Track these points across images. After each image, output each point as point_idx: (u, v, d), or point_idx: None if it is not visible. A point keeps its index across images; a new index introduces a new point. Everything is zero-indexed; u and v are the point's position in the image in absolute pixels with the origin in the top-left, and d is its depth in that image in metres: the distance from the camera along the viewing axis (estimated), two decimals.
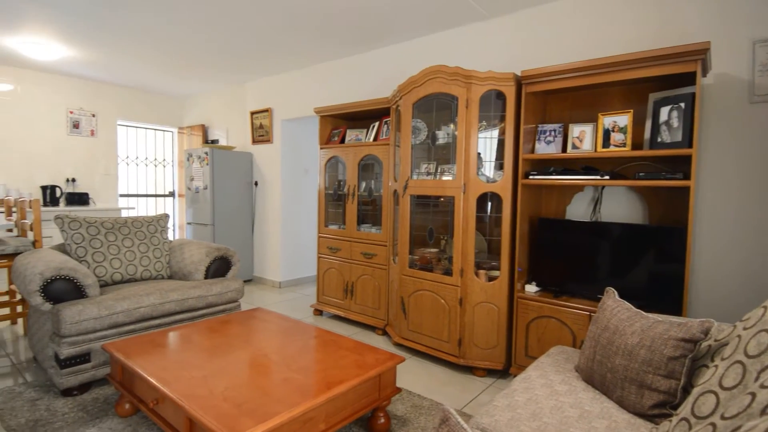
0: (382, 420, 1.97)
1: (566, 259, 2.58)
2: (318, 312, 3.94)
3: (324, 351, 2.02)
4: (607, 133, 2.44)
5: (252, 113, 5.29)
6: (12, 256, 2.94)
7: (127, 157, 6.18)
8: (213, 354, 1.95)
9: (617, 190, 2.65)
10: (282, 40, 3.81)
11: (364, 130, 3.75)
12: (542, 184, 2.65)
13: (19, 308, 3.43)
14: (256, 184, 5.36)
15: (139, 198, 6.37)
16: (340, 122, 4.03)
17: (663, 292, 2.23)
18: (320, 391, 1.61)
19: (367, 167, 3.73)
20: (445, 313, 2.80)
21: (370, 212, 3.75)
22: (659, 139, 2.28)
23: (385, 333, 3.42)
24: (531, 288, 2.67)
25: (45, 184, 5.12)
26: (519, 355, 2.63)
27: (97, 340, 2.29)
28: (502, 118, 2.80)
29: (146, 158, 6.42)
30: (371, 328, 3.58)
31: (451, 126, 3.03)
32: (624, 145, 2.37)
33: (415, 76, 2.93)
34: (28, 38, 3.90)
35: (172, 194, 6.67)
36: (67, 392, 2.26)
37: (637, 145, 2.49)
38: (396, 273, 3.14)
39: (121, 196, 6.06)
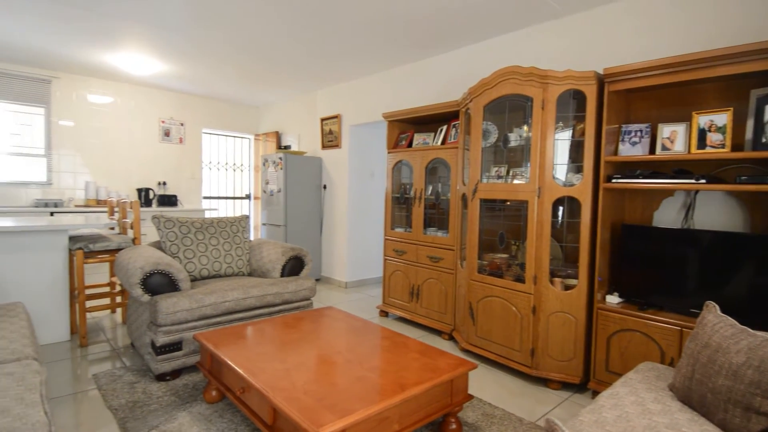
0: (454, 426, 1.95)
1: (653, 269, 2.39)
2: (384, 313, 3.99)
3: (395, 352, 2.05)
4: (702, 133, 2.24)
5: (322, 119, 5.50)
6: (115, 251, 3.29)
7: (210, 162, 6.68)
8: (292, 348, 2.04)
9: (713, 195, 2.42)
10: (352, 50, 3.94)
11: (432, 134, 3.75)
12: (627, 188, 2.48)
13: (118, 299, 3.82)
14: (324, 187, 5.56)
15: (219, 200, 6.86)
16: (407, 126, 4.06)
17: None
18: (395, 392, 1.63)
19: (434, 171, 3.73)
20: (517, 321, 2.71)
21: (436, 216, 3.74)
22: (764, 140, 2.05)
23: (451, 338, 3.38)
24: (613, 299, 2.51)
25: (140, 186, 5.68)
26: (599, 369, 2.48)
27: (187, 330, 2.49)
28: (581, 119, 2.67)
29: (226, 163, 6.90)
30: (437, 332, 3.56)
31: (524, 128, 2.94)
32: (722, 146, 2.16)
33: (487, 78, 2.88)
34: (128, 55, 4.37)
35: (248, 197, 7.11)
36: (161, 377, 2.48)
37: (737, 146, 2.26)
38: (464, 278, 3.10)
39: (205, 198, 6.56)
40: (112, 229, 4.06)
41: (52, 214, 4.58)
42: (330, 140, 5.44)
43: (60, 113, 5.09)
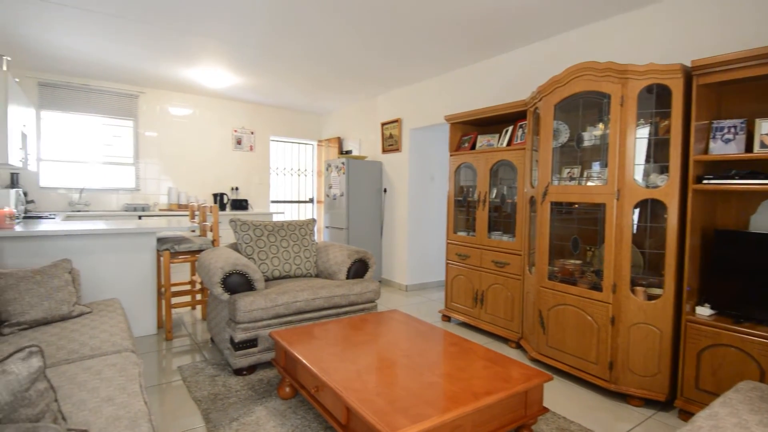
0: None
1: (750, 278, 2.16)
2: (446, 318, 3.94)
3: (464, 359, 2.01)
4: None
5: (383, 124, 5.57)
6: (196, 252, 3.54)
7: (276, 168, 7.00)
8: (361, 350, 2.08)
9: None
10: (414, 54, 3.95)
11: (496, 135, 3.66)
12: (720, 190, 2.26)
13: (198, 296, 4.11)
14: (385, 191, 5.62)
15: (285, 204, 7.16)
16: (470, 128, 4.00)
17: None
18: (468, 400, 1.60)
19: (499, 173, 3.63)
20: (593, 332, 2.56)
21: (501, 219, 3.64)
22: None
23: (519, 346, 3.27)
24: (703, 311, 2.29)
25: (215, 192, 6.09)
26: (687, 386, 2.27)
27: (262, 328, 2.62)
28: (663, 116, 2.47)
29: (291, 169, 7.20)
30: (503, 339, 3.46)
31: (600, 126, 2.78)
32: None
33: (559, 75, 2.76)
34: (205, 69, 4.70)
35: (311, 200, 7.36)
36: (238, 372, 2.63)
37: None
38: (533, 284, 2.99)
39: (272, 202, 6.88)
40: (193, 231, 4.38)
41: (140, 217, 5.03)
42: (390, 144, 5.49)
43: (146, 125, 5.58)
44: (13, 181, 4.54)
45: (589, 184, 2.71)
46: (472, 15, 3.13)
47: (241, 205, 6.05)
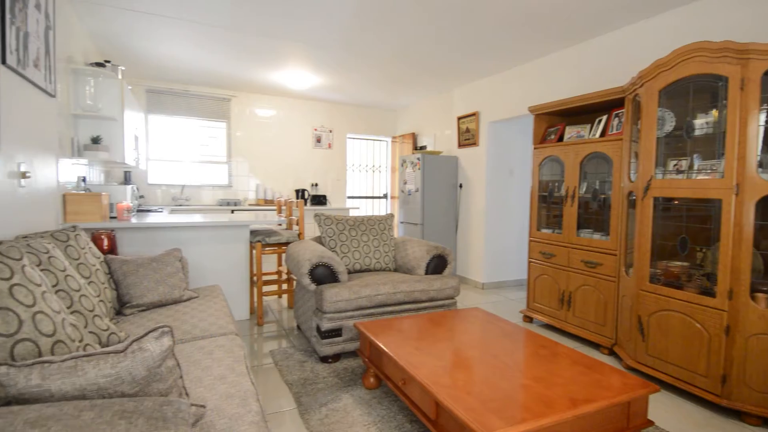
0: None
1: None
2: (528, 319, 3.78)
3: (557, 363, 1.91)
4: None
5: (459, 118, 5.47)
6: (284, 244, 3.75)
7: (352, 164, 7.19)
8: (446, 346, 2.06)
9: None
10: (494, 44, 3.82)
11: (587, 126, 3.42)
12: None
13: (284, 286, 4.36)
14: (460, 186, 5.52)
15: (360, 199, 7.34)
16: (556, 119, 3.78)
17: None
18: (566, 407, 1.52)
19: (591, 166, 3.39)
20: (703, 342, 2.30)
21: (592, 216, 3.40)
22: None
23: (612, 353, 3.04)
24: None
25: (296, 188, 6.40)
26: None
27: (346, 318, 2.71)
28: None
29: (366, 165, 7.34)
30: (593, 344, 3.24)
31: (713, 113, 2.48)
32: None
33: (664, 58, 2.51)
34: (290, 72, 4.94)
35: (385, 196, 7.46)
36: (324, 359, 2.74)
37: None
38: (631, 287, 2.76)
39: (348, 197, 7.08)
40: (280, 225, 4.64)
41: (232, 211, 5.44)
42: (467, 138, 5.37)
43: (236, 126, 6.01)
44: (126, 179, 5.13)
45: (701, 177, 2.43)
46: (555, 3, 2.96)
47: (320, 200, 6.30)
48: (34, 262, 1.52)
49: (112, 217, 3.25)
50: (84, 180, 3.31)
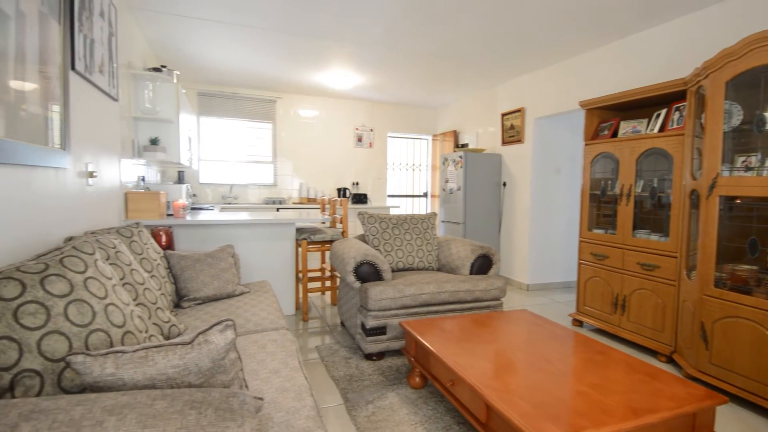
0: None
1: None
2: (577, 322, 3.64)
3: (615, 370, 1.82)
4: None
5: (503, 115, 5.34)
6: (329, 242, 3.81)
7: (392, 163, 7.19)
8: (495, 348, 2.02)
9: None
10: (541, 38, 3.69)
11: (644, 120, 3.24)
12: None
13: (327, 283, 4.42)
14: (504, 184, 5.39)
15: (400, 198, 7.33)
16: (609, 114, 3.61)
17: None
18: (626, 416, 1.44)
19: (648, 163, 3.21)
20: None
21: (649, 216, 3.22)
22: None
23: (670, 360, 2.87)
24: None
25: (338, 187, 6.49)
26: None
27: (390, 317, 2.71)
28: None
29: (407, 164, 7.33)
30: (649, 351, 3.07)
31: None
32: None
33: (731, 47, 2.33)
34: (333, 72, 5.00)
35: (425, 195, 7.42)
36: (368, 356, 2.76)
37: None
38: (693, 291, 2.59)
39: (388, 196, 7.10)
40: (323, 223, 4.73)
41: (277, 209, 5.59)
42: (511, 135, 5.24)
43: (281, 127, 6.17)
44: (180, 178, 5.39)
45: None
46: None
47: (361, 199, 6.35)
48: (104, 256, 1.62)
49: (168, 215, 3.42)
50: (143, 179, 3.50)
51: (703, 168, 2.51)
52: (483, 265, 3.19)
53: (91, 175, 2.22)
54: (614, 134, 3.42)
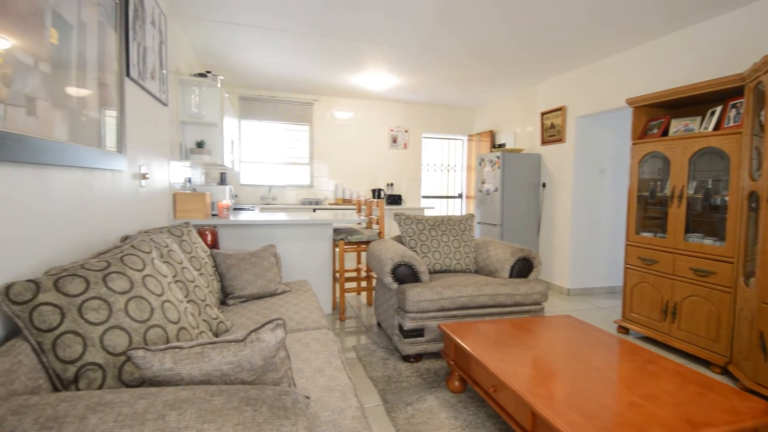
0: None
1: None
2: (623, 330, 3.49)
3: (669, 380, 1.73)
4: None
5: (543, 114, 5.20)
6: (365, 243, 3.83)
7: (427, 164, 7.16)
8: (539, 354, 1.97)
9: None
10: (581, 34, 3.57)
11: (697, 118, 3.07)
12: None
13: (363, 283, 4.45)
14: (543, 185, 5.25)
15: (434, 199, 7.28)
16: (659, 112, 3.44)
17: None
18: (683, 429, 1.37)
19: (702, 163, 3.04)
20: None
21: (703, 219, 3.05)
22: None
23: (725, 372, 2.71)
24: None
25: (372, 188, 6.52)
26: None
27: (428, 319, 2.70)
28: None
29: (441, 164, 7.28)
30: (701, 361, 2.91)
31: None
32: None
33: None
34: (370, 74, 5.03)
35: (460, 196, 7.33)
36: (406, 358, 2.75)
37: None
38: (751, 299, 2.43)
39: (422, 197, 7.07)
40: (359, 224, 4.77)
41: (314, 210, 5.68)
42: (551, 135, 5.09)
43: (318, 129, 6.27)
44: (222, 179, 5.57)
45: None
46: None
47: (395, 200, 6.35)
48: (158, 255, 1.69)
49: (213, 215, 3.54)
50: (189, 180, 3.64)
51: (763, 168, 2.35)
52: (523, 268, 3.12)
53: (143, 176, 2.33)
54: (665, 133, 3.26)
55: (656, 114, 3.43)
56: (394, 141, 6.63)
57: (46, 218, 1.35)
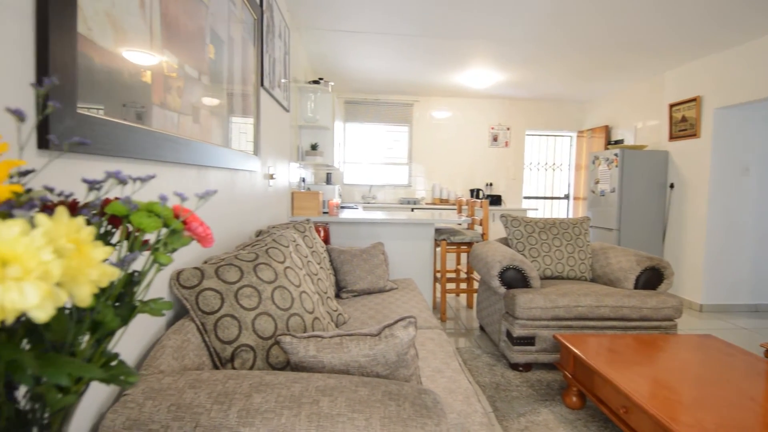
0: None
1: None
2: None
3: None
4: None
5: (671, 105, 4.63)
6: (467, 244, 3.76)
7: (530, 163, 6.81)
8: (679, 377, 1.75)
9: None
10: (721, 13, 3.07)
11: None
12: None
13: (463, 285, 4.38)
14: (671, 186, 4.67)
15: (536, 200, 6.90)
16: None
17: None
18: None
19: None
20: None
21: None
22: None
23: None
24: None
25: (470, 188, 6.38)
26: None
27: (540, 327, 2.56)
28: None
29: (546, 163, 6.87)
30: None
31: None
32: None
33: None
34: (472, 72, 4.92)
35: (566, 197, 6.85)
36: (514, 366, 2.64)
37: None
38: None
39: (524, 198, 6.75)
40: (460, 224, 4.71)
41: (412, 209, 5.74)
42: (682, 129, 4.51)
43: (417, 129, 6.31)
44: (328, 179, 5.89)
45: None
46: None
47: (494, 200, 6.15)
48: (294, 248, 1.84)
49: (323, 212, 3.76)
50: (303, 180, 3.91)
51: None
52: (651, 278, 2.80)
53: (271, 176, 2.55)
54: None
55: None
56: (495, 139, 6.41)
57: (205, 213, 1.54)
